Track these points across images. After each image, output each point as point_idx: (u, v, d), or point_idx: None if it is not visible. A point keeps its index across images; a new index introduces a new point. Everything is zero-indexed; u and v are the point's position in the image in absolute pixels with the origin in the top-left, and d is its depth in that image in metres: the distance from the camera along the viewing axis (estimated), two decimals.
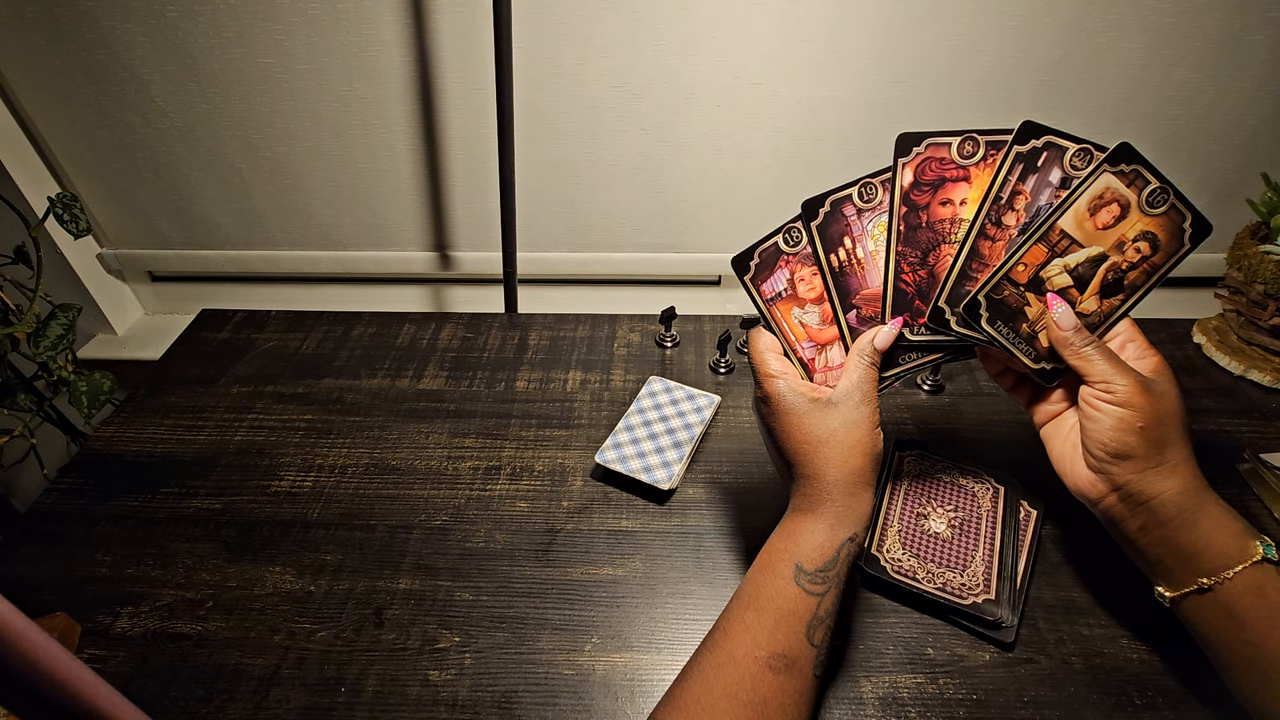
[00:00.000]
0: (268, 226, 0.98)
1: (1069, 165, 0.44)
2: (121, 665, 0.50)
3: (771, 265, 0.47)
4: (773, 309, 0.48)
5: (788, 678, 0.38)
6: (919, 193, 0.45)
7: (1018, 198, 0.44)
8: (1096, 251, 0.43)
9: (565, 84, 0.83)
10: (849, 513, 0.42)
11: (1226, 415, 0.68)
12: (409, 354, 0.79)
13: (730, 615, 0.42)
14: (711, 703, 0.38)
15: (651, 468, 0.61)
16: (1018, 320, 0.45)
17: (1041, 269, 0.44)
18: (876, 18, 0.77)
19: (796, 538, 0.42)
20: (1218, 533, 0.41)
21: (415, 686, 0.49)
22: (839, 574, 0.41)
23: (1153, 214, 0.43)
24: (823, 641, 0.40)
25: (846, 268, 0.47)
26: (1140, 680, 0.48)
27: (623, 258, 0.99)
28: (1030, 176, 0.44)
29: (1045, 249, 0.44)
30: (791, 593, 0.40)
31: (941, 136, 0.45)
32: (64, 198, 0.77)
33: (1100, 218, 0.43)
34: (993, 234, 0.45)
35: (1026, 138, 0.44)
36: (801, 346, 0.47)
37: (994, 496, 0.58)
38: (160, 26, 0.80)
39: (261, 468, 0.65)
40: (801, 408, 0.44)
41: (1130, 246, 0.43)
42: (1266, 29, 0.77)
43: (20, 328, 0.74)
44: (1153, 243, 0.43)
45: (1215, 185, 0.89)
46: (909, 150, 0.45)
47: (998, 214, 0.45)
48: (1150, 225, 0.43)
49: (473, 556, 0.57)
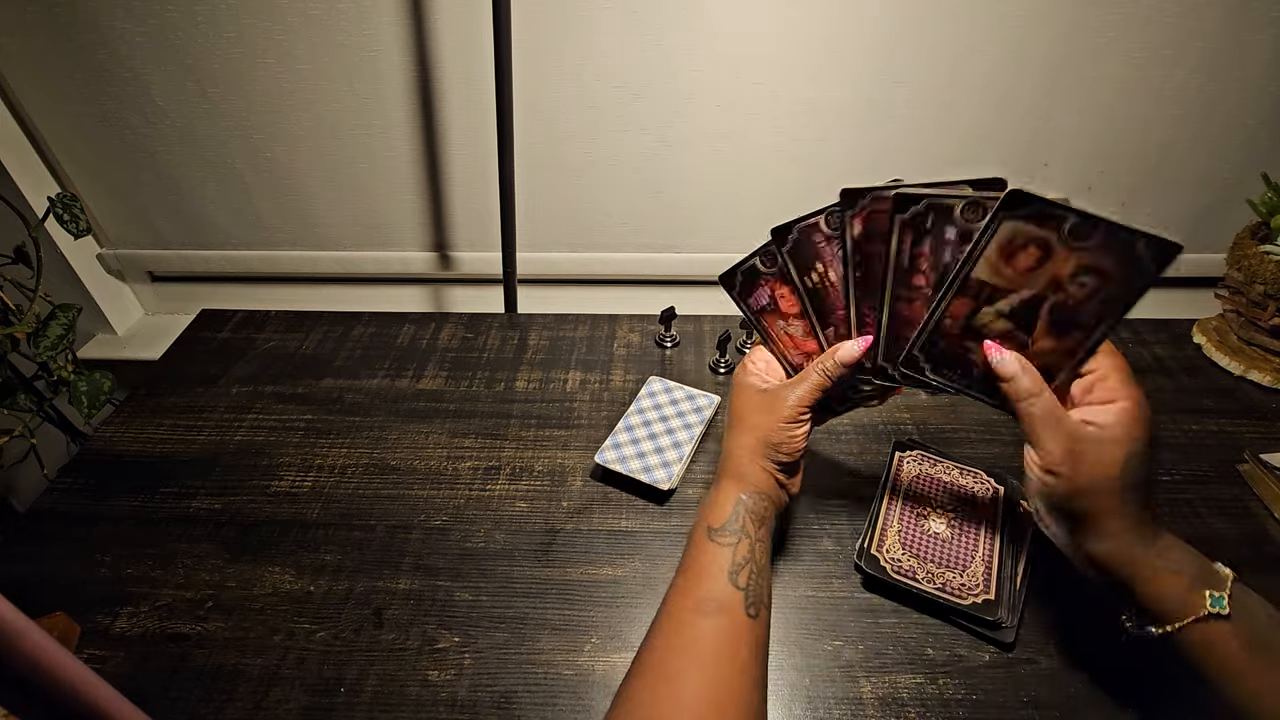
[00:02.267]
0: (268, 226, 0.98)
1: (962, 219, 0.41)
2: (121, 665, 0.50)
3: (753, 282, 0.50)
4: (762, 319, 0.51)
5: (719, 618, 0.42)
6: (870, 242, 0.45)
7: (919, 260, 0.43)
8: (1027, 294, 0.40)
9: (565, 84, 0.83)
10: (741, 478, 0.47)
11: (1226, 416, 0.68)
12: (409, 354, 0.79)
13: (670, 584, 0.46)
14: (655, 655, 0.41)
15: (651, 468, 0.61)
16: (967, 366, 0.44)
17: (971, 319, 0.42)
18: (876, 19, 0.77)
19: (707, 506, 0.48)
20: (1161, 591, 0.40)
21: (415, 687, 0.49)
22: (744, 527, 0.45)
23: (1080, 248, 0.39)
24: (749, 584, 0.43)
25: (821, 289, 0.48)
26: (1140, 681, 0.48)
27: (623, 258, 0.99)
28: (925, 239, 0.43)
29: (969, 301, 0.42)
30: (708, 548, 0.45)
31: (884, 189, 0.43)
32: (64, 198, 0.77)
33: (1020, 262, 0.40)
34: (907, 296, 0.44)
35: (906, 206, 0.42)
36: (791, 354, 0.51)
37: (993, 497, 0.58)
38: (160, 26, 0.80)
39: (261, 468, 0.65)
40: (743, 388, 0.50)
41: (1070, 284, 0.39)
42: (1266, 29, 0.77)
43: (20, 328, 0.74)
44: (1099, 275, 0.39)
45: (1215, 185, 0.89)
46: (855, 204, 0.44)
47: (905, 279, 0.44)
48: (1085, 259, 0.38)
49: (472, 557, 0.57)
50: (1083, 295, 0.39)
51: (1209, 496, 0.60)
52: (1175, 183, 0.89)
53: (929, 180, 0.43)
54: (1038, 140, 0.86)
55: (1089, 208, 0.39)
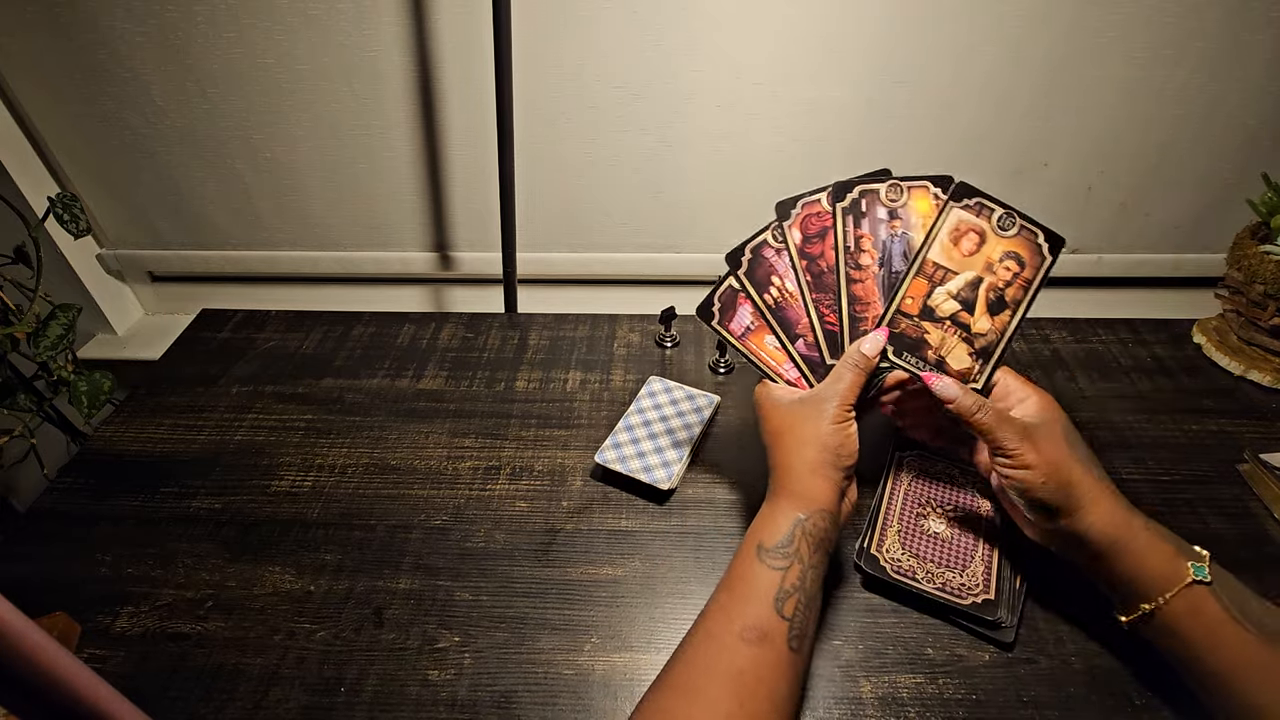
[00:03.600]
0: (268, 226, 0.98)
1: (887, 199, 0.50)
2: (121, 665, 0.50)
3: (733, 305, 0.51)
4: (746, 343, 0.52)
5: (761, 649, 0.40)
6: (810, 245, 0.50)
7: (862, 240, 0.50)
8: (972, 275, 0.49)
9: (565, 84, 0.83)
10: (800, 496, 0.45)
11: (1226, 416, 0.68)
12: (409, 354, 0.79)
13: (710, 599, 0.44)
14: (691, 677, 0.40)
15: (651, 468, 0.61)
16: (922, 349, 0.49)
17: (928, 299, 0.49)
18: (876, 18, 0.77)
19: (760, 521, 0.46)
20: (1149, 558, 0.43)
21: (415, 686, 0.49)
22: (798, 551, 0.43)
23: (1006, 236, 0.48)
24: (795, 614, 0.42)
25: (782, 302, 0.51)
26: (1139, 681, 0.48)
27: (623, 258, 0.99)
28: (863, 221, 0.50)
29: (925, 281, 0.49)
30: (756, 569, 0.43)
31: (811, 195, 0.50)
32: (64, 198, 0.78)
33: (963, 246, 0.49)
34: (858, 276, 0.50)
35: (843, 194, 0.50)
36: (784, 369, 0.51)
37: (994, 497, 0.58)
38: (160, 26, 0.80)
39: (261, 467, 0.65)
40: (775, 403, 0.49)
41: (999, 266, 0.48)
42: (1266, 29, 0.77)
43: (20, 328, 0.74)
44: (1018, 260, 0.48)
45: (1215, 185, 0.89)
46: (788, 213, 0.50)
47: (854, 259, 0.50)
48: (1010, 246, 0.48)
49: (472, 556, 0.57)
50: (1008, 276, 0.48)
51: (1209, 497, 0.60)
52: (1175, 183, 0.89)
53: None
54: (1038, 140, 0.86)
55: (1011, 203, 0.48)
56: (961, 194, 0.48)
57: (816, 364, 0.51)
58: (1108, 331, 0.79)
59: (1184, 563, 0.42)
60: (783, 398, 0.49)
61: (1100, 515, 0.43)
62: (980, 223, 0.48)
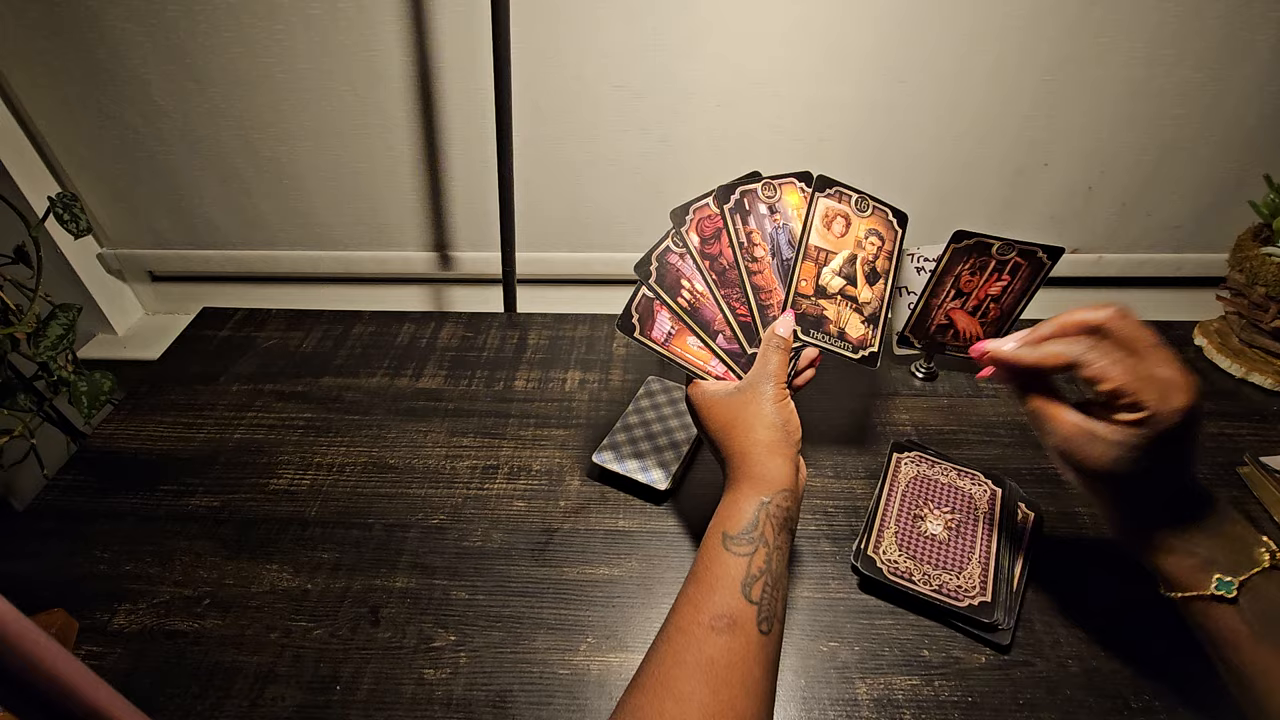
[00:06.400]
0: (268, 226, 0.98)
1: (764, 197, 0.55)
2: (118, 662, 0.50)
3: (650, 313, 0.53)
4: (670, 347, 0.53)
5: (731, 636, 0.40)
6: (709, 245, 0.53)
7: (753, 234, 0.54)
8: (848, 253, 0.54)
9: (565, 84, 0.83)
10: (760, 479, 0.45)
11: (1227, 418, 0.68)
12: (408, 353, 0.79)
13: (678, 595, 0.44)
14: (664, 672, 0.40)
15: (649, 468, 0.61)
16: (824, 324, 0.53)
17: (818, 279, 0.54)
18: (878, 18, 0.77)
19: (723, 510, 0.46)
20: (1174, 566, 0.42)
21: (410, 685, 0.49)
22: (763, 534, 0.44)
23: (865, 216, 0.55)
24: (762, 597, 0.42)
25: (696, 303, 0.53)
26: (1136, 684, 0.48)
27: (623, 258, 0.99)
28: (749, 218, 0.54)
29: (812, 264, 0.54)
30: (722, 558, 0.43)
31: (699, 200, 0.54)
32: (64, 198, 0.78)
33: (835, 229, 0.54)
34: (756, 268, 0.54)
35: (726, 196, 0.54)
36: (710, 366, 0.52)
37: (991, 499, 0.58)
38: (160, 26, 0.81)
39: (260, 466, 0.65)
40: (714, 399, 0.49)
41: (866, 243, 0.55)
42: (1266, 29, 0.77)
43: (20, 328, 0.74)
44: (878, 235, 0.55)
45: (1216, 186, 0.89)
46: (684, 220, 0.54)
47: (749, 253, 0.54)
48: (870, 224, 0.55)
49: (469, 555, 0.57)
50: (874, 251, 0.55)
51: None
52: (1176, 183, 0.89)
53: None
54: (1038, 140, 0.86)
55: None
56: (823, 185, 0.54)
57: (739, 355, 0.52)
58: None
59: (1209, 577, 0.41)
60: (719, 391, 0.49)
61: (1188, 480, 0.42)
62: (843, 208, 0.55)
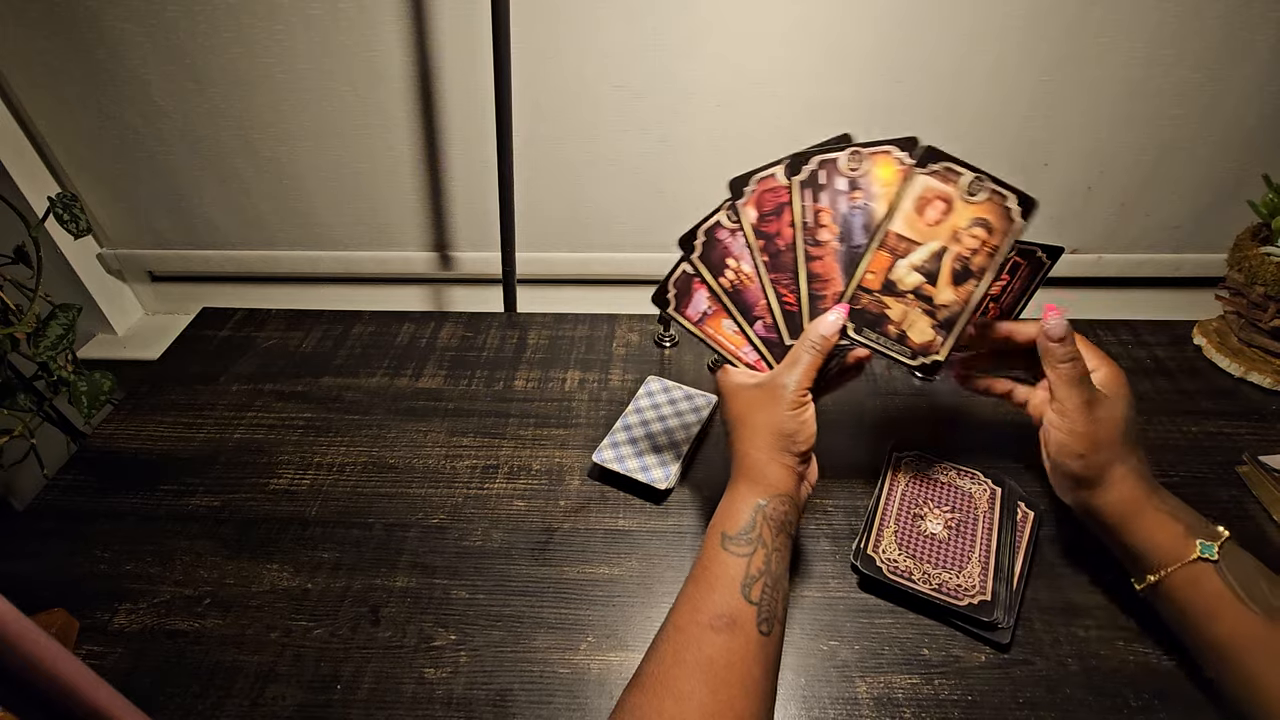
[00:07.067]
0: (268, 226, 0.98)
1: (847, 169, 0.47)
2: (119, 661, 0.50)
3: (688, 290, 0.50)
4: (703, 328, 0.51)
5: (731, 636, 0.40)
6: (766, 223, 0.48)
7: (821, 214, 0.47)
8: (937, 246, 0.46)
9: (565, 84, 0.83)
10: (758, 482, 0.45)
11: (1226, 417, 0.68)
12: (408, 353, 0.79)
13: (678, 595, 0.44)
14: (663, 671, 0.40)
15: (649, 467, 0.61)
16: (883, 324, 0.47)
17: (890, 273, 0.47)
18: (877, 17, 0.77)
19: (722, 509, 0.46)
20: (1157, 535, 0.45)
21: (411, 684, 0.49)
22: (760, 536, 0.44)
23: (975, 202, 0.45)
24: (762, 598, 0.42)
25: (739, 285, 0.49)
26: (1136, 682, 0.48)
27: (623, 258, 0.99)
28: (821, 194, 0.47)
29: (887, 255, 0.47)
30: (721, 558, 0.43)
31: (765, 169, 0.48)
32: (64, 198, 0.78)
33: (928, 215, 0.46)
34: (817, 254, 0.48)
35: (799, 166, 0.47)
36: (743, 352, 0.50)
37: (991, 498, 0.58)
38: (160, 26, 0.81)
39: (260, 465, 0.65)
40: (735, 388, 0.49)
41: (965, 234, 0.46)
42: (1266, 29, 0.77)
43: (20, 328, 0.74)
44: (986, 226, 0.46)
45: (1216, 186, 0.89)
46: (742, 191, 0.48)
47: (813, 236, 0.48)
48: (978, 212, 0.45)
49: (469, 555, 0.57)
50: (975, 244, 0.46)
51: (1207, 498, 0.60)
52: (1175, 183, 0.89)
53: None
54: (1038, 140, 0.86)
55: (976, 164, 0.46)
56: (928, 158, 0.46)
57: (775, 345, 0.49)
58: (1107, 332, 0.79)
59: (1191, 542, 0.43)
60: (742, 382, 0.48)
61: (1118, 494, 0.46)
62: (948, 189, 0.46)
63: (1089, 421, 0.45)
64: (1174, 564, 0.43)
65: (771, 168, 0.48)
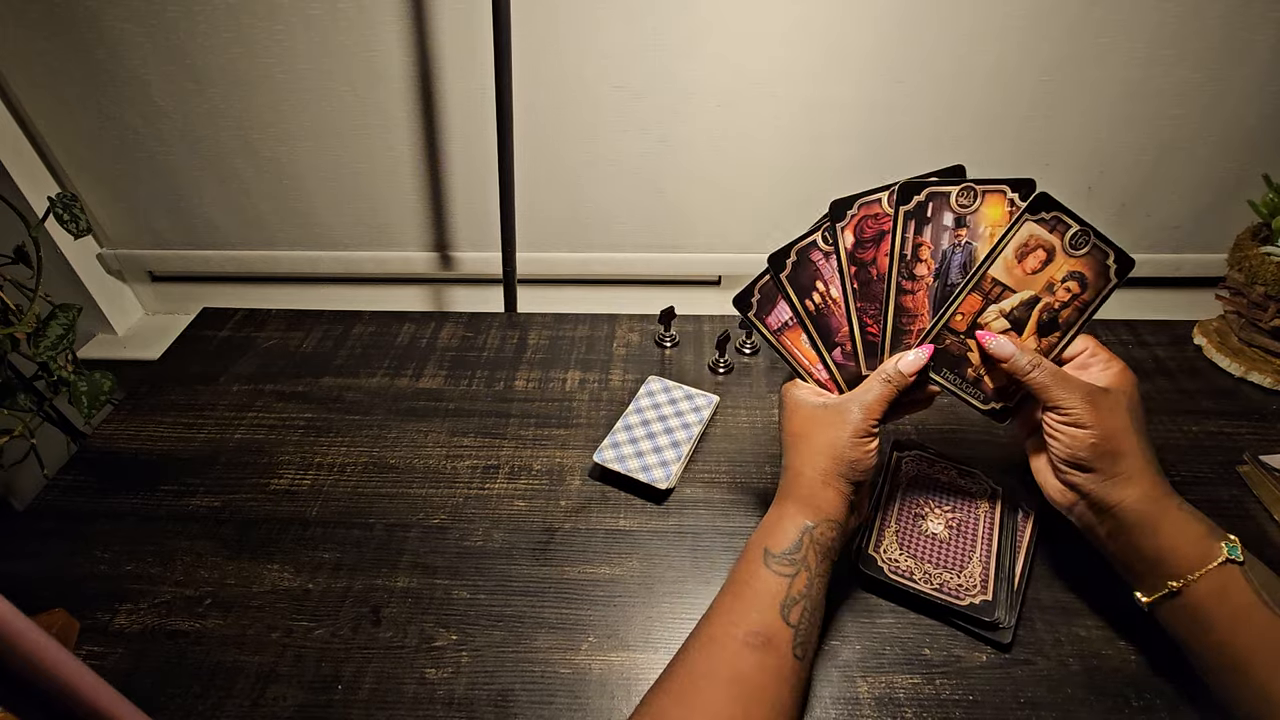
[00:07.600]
0: (268, 226, 0.98)
1: (956, 205, 0.46)
2: (120, 662, 0.50)
3: (772, 299, 0.49)
4: (781, 339, 0.50)
5: (765, 654, 0.40)
6: (863, 250, 0.47)
7: (921, 249, 0.47)
8: (1029, 295, 0.46)
9: (565, 84, 0.84)
10: (809, 504, 0.44)
11: (1226, 417, 0.68)
12: (408, 353, 0.79)
13: (713, 602, 0.44)
14: (693, 681, 0.39)
15: (649, 467, 0.61)
16: (963, 366, 0.47)
17: (979, 316, 0.46)
18: (877, 18, 0.77)
19: (768, 525, 0.45)
20: (1180, 537, 0.42)
21: (412, 684, 0.49)
22: (805, 558, 0.43)
23: (1076, 255, 0.45)
24: (800, 621, 0.41)
25: (824, 309, 0.48)
26: (1137, 682, 0.48)
27: (623, 258, 0.99)
28: (925, 227, 0.46)
29: (980, 297, 0.46)
30: (763, 574, 0.42)
31: (870, 195, 0.47)
32: (64, 198, 0.78)
33: (1028, 263, 0.45)
34: (910, 288, 0.47)
35: (909, 196, 0.46)
36: (816, 369, 0.50)
37: (992, 498, 0.58)
38: (160, 27, 0.81)
39: (261, 466, 0.65)
40: (800, 404, 0.47)
41: (1060, 287, 0.45)
42: (1266, 29, 0.77)
43: (20, 328, 0.74)
44: (1081, 281, 0.45)
45: (1216, 186, 0.89)
46: (843, 214, 0.47)
47: (908, 270, 0.47)
48: (1076, 266, 0.45)
49: (470, 555, 0.57)
50: (1066, 298, 0.45)
51: (1208, 498, 0.60)
52: (1176, 183, 0.89)
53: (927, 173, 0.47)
54: (1038, 140, 0.86)
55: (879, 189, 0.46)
56: (1040, 206, 0.45)
57: (851, 371, 0.49)
58: (1108, 332, 0.79)
59: (1216, 543, 0.41)
60: (808, 400, 0.47)
61: (1138, 490, 0.43)
62: (1052, 239, 0.45)
63: (1092, 410, 0.43)
64: (1199, 568, 0.41)
65: (878, 193, 0.46)
